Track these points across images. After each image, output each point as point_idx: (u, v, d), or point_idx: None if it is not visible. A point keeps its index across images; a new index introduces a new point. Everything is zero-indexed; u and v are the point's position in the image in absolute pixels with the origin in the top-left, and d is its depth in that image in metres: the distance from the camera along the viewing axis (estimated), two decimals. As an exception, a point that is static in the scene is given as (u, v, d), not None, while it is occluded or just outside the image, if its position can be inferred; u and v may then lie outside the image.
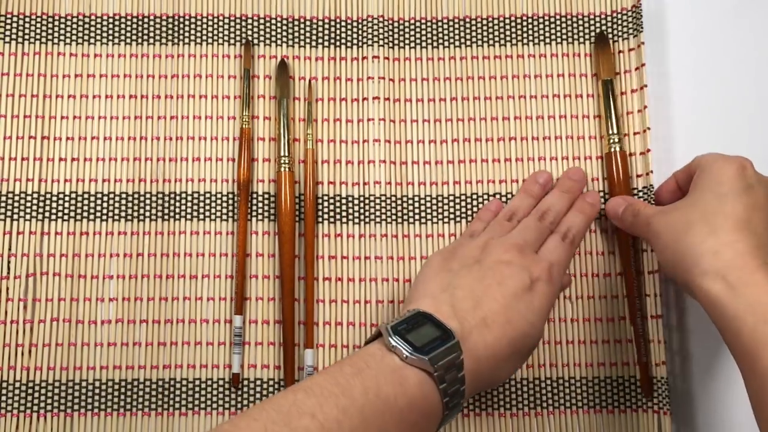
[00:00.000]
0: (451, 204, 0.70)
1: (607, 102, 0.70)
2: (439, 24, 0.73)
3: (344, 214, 0.70)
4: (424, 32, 0.73)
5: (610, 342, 0.68)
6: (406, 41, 0.73)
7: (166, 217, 0.70)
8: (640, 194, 0.68)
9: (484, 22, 0.73)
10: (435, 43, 0.73)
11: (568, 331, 0.69)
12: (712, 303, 0.53)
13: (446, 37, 0.73)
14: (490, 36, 0.73)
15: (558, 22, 0.73)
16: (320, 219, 0.70)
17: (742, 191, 0.57)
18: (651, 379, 0.66)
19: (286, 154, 0.69)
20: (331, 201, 0.70)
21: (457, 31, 0.73)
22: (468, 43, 0.73)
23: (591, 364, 0.68)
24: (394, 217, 0.70)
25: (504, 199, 0.70)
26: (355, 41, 0.73)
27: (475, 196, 0.70)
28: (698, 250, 0.55)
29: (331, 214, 0.70)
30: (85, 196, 0.70)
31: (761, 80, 0.74)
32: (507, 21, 0.73)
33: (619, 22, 0.72)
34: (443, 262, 0.60)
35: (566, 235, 0.63)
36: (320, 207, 0.70)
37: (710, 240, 0.55)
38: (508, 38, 0.73)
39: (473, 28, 0.73)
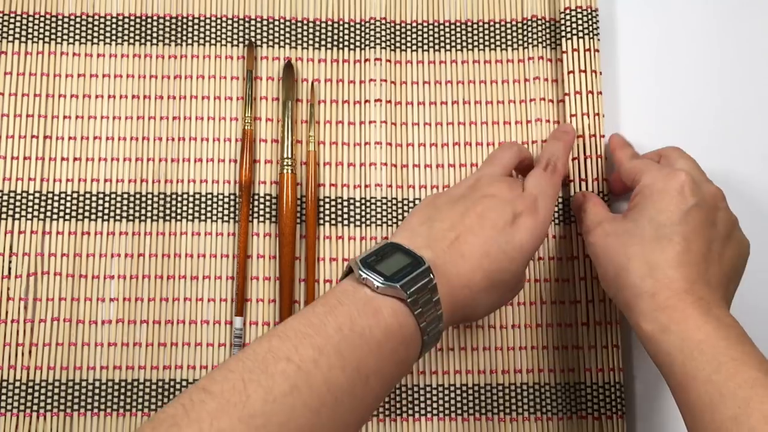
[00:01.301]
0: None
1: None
2: (441, 27, 0.73)
3: (345, 216, 0.70)
4: (425, 35, 0.73)
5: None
6: (408, 44, 0.73)
7: (167, 217, 0.70)
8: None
9: (487, 26, 0.73)
10: (437, 47, 0.73)
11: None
12: (647, 340, 0.55)
13: (448, 40, 0.73)
14: (492, 39, 0.73)
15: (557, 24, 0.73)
16: (321, 221, 0.70)
17: (680, 220, 0.56)
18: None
19: (290, 155, 0.69)
20: (333, 203, 0.70)
21: (458, 35, 0.73)
22: (470, 46, 0.73)
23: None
24: (394, 219, 0.70)
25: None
26: (357, 43, 0.73)
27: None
28: (636, 291, 0.56)
29: (333, 216, 0.70)
30: (87, 196, 0.70)
31: (711, 79, 0.74)
32: (509, 25, 0.73)
33: (572, 21, 0.72)
34: (432, 200, 0.60)
35: (547, 165, 0.62)
36: (321, 209, 0.70)
37: (648, 281, 0.55)
38: (509, 42, 0.73)
39: (475, 31, 0.73)
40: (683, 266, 0.55)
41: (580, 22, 0.71)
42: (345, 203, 0.70)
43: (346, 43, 0.73)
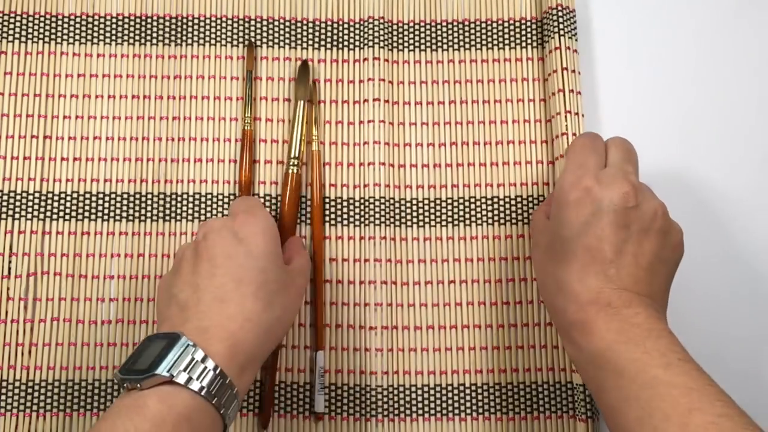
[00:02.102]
0: (449, 207, 0.70)
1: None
2: (439, 27, 0.73)
3: (345, 216, 0.70)
4: (422, 35, 0.73)
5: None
6: (405, 44, 0.73)
7: (167, 218, 0.70)
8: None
9: (484, 25, 0.73)
10: (434, 46, 0.73)
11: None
12: (570, 357, 0.57)
13: (446, 40, 0.73)
14: (490, 39, 0.73)
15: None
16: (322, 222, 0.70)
17: (581, 232, 0.56)
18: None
19: (296, 155, 0.69)
20: (333, 203, 0.70)
21: (456, 34, 0.73)
22: (467, 46, 0.73)
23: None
24: (392, 219, 0.70)
25: (502, 202, 0.70)
26: (357, 43, 0.73)
27: (473, 200, 0.70)
28: (552, 309, 0.58)
29: (333, 216, 0.70)
30: (87, 196, 0.70)
31: (687, 81, 0.75)
32: (505, 24, 0.73)
33: (552, 21, 0.72)
34: (162, 283, 0.61)
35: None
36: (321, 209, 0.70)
37: (559, 298, 0.57)
38: (507, 41, 0.73)
39: (473, 31, 0.73)
40: (587, 277, 0.55)
41: (558, 21, 0.71)
42: (345, 203, 0.70)
43: (345, 42, 0.73)
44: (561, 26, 0.71)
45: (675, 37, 0.75)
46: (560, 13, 0.71)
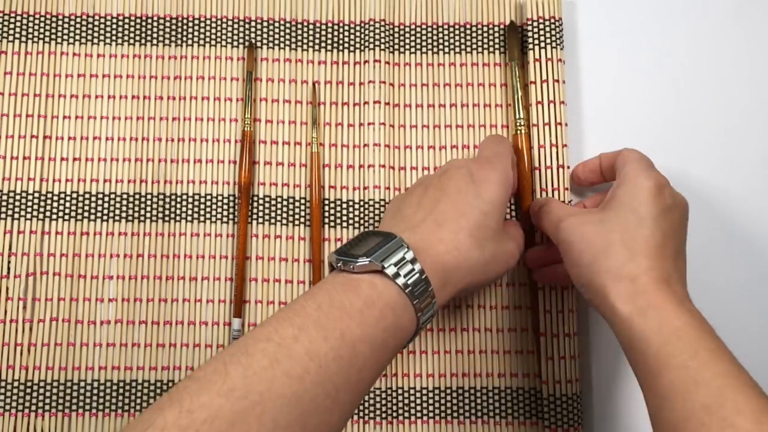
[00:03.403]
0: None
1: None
2: (440, 30, 0.73)
3: (345, 218, 0.70)
4: (423, 37, 0.73)
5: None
6: (406, 46, 0.73)
7: (166, 218, 0.70)
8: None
9: (484, 29, 0.73)
10: (435, 49, 0.73)
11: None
12: (622, 323, 0.54)
13: (446, 43, 0.73)
14: (489, 42, 0.73)
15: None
16: (321, 223, 0.70)
17: (660, 215, 0.57)
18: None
19: (520, 116, 0.70)
20: (332, 205, 0.70)
21: (456, 38, 0.73)
22: (468, 49, 0.73)
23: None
24: (393, 222, 0.70)
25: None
26: (357, 45, 0.73)
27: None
28: (616, 274, 0.56)
29: (333, 218, 0.70)
30: (86, 196, 0.70)
31: (669, 84, 0.75)
32: (550, 25, 0.73)
33: (537, 31, 0.72)
34: (396, 198, 0.64)
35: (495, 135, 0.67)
36: (321, 211, 0.70)
37: (629, 266, 0.56)
38: (544, 43, 0.73)
39: (473, 34, 0.73)
40: (661, 259, 0.56)
41: (544, 32, 0.71)
42: (344, 205, 0.70)
43: (345, 44, 0.73)
44: (545, 37, 0.71)
45: (658, 46, 0.75)
46: (543, 24, 0.71)
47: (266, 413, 0.44)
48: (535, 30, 0.71)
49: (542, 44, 0.71)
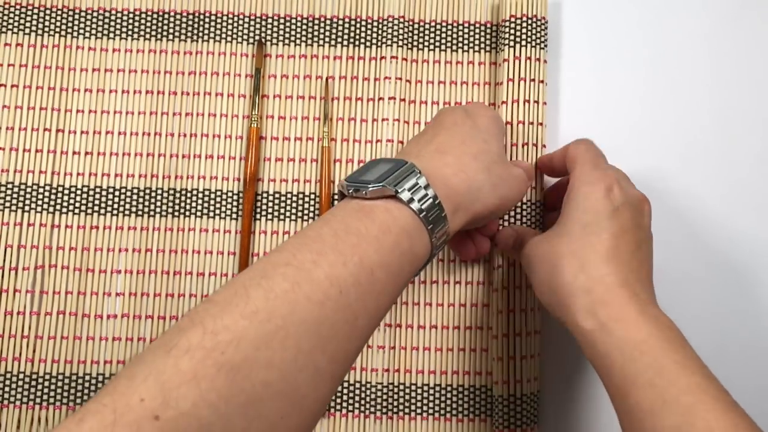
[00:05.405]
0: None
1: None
2: (459, 28, 0.72)
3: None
4: (442, 35, 0.72)
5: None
6: (425, 43, 0.72)
7: (175, 213, 0.69)
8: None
9: (494, 28, 0.72)
10: (454, 47, 0.72)
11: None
12: (585, 341, 0.53)
13: (466, 41, 0.72)
14: (509, 39, 0.72)
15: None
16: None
17: (607, 218, 0.55)
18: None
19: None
20: (342, 201, 0.69)
21: (474, 36, 0.72)
22: (487, 48, 0.72)
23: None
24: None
25: (524, 206, 0.68)
26: (374, 41, 0.72)
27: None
28: (569, 289, 0.54)
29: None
30: (97, 190, 0.70)
31: (647, 88, 0.74)
32: (521, 22, 0.72)
33: (516, 29, 0.70)
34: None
35: None
36: (332, 206, 0.69)
37: (581, 276, 0.54)
38: (527, 42, 0.71)
39: (492, 33, 0.72)
40: (614, 261, 0.54)
41: (525, 30, 0.69)
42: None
43: (362, 40, 0.72)
44: (528, 36, 0.69)
45: (639, 49, 0.74)
46: (527, 23, 0.69)
47: (289, 338, 0.44)
48: (517, 28, 0.70)
49: (523, 42, 0.69)
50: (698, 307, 0.70)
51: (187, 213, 0.69)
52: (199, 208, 0.69)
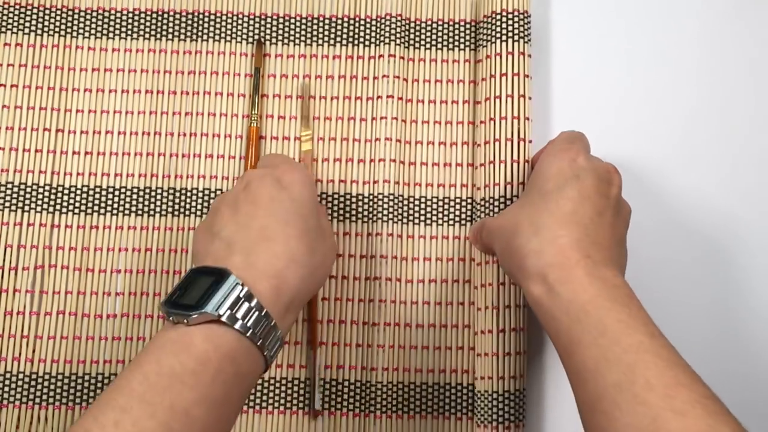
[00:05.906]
0: (457, 207, 0.69)
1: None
2: (456, 26, 0.72)
3: (353, 212, 0.69)
4: (439, 34, 0.72)
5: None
6: (422, 42, 0.72)
7: (175, 212, 0.69)
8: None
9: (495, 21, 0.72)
10: (450, 45, 0.72)
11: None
12: (535, 305, 0.53)
13: (461, 40, 0.72)
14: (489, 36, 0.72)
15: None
16: (330, 217, 0.69)
17: (566, 184, 0.56)
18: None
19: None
20: (341, 199, 0.69)
21: (462, 34, 0.72)
22: (472, 46, 0.72)
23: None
24: (401, 216, 0.69)
25: (509, 202, 0.68)
26: (372, 40, 0.72)
27: (483, 201, 0.69)
28: (523, 252, 0.54)
29: (341, 212, 0.69)
30: (97, 190, 0.70)
31: (639, 81, 0.74)
32: (501, 17, 0.71)
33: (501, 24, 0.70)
34: (208, 216, 0.60)
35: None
36: (330, 205, 0.69)
37: (534, 240, 0.54)
38: (508, 36, 0.71)
39: (475, 30, 0.72)
40: (569, 225, 0.54)
41: (506, 25, 0.69)
42: (354, 199, 0.69)
43: (360, 39, 0.72)
44: (509, 31, 0.69)
45: (629, 43, 0.74)
46: (511, 17, 0.69)
47: None
48: (497, 24, 0.69)
49: (504, 38, 0.69)
50: (695, 301, 0.70)
51: (187, 212, 0.69)
52: (199, 207, 0.69)
